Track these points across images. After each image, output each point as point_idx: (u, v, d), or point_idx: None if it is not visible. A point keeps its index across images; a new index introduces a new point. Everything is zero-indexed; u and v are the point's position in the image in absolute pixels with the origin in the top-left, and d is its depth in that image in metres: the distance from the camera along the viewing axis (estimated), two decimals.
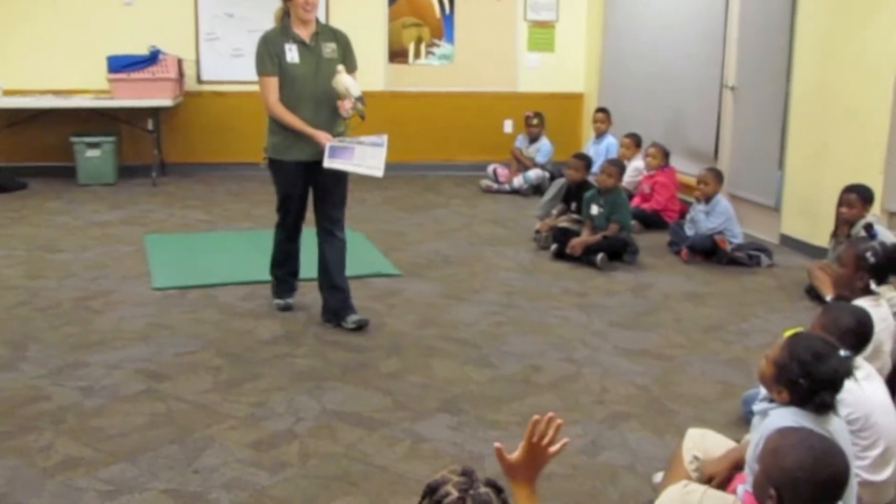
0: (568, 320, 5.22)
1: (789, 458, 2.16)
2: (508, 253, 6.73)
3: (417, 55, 10.21)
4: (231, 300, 5.46)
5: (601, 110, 9.00)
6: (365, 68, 5.39)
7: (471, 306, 5.44)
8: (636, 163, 8.08)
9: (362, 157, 4.72)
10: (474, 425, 3.82)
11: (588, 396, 4.15)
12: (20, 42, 9.27)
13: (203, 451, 3.54)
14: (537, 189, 8.82)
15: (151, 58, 9.05)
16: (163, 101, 9.03)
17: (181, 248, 6.73)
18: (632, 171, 7.94)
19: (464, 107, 10.15)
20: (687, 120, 8.24)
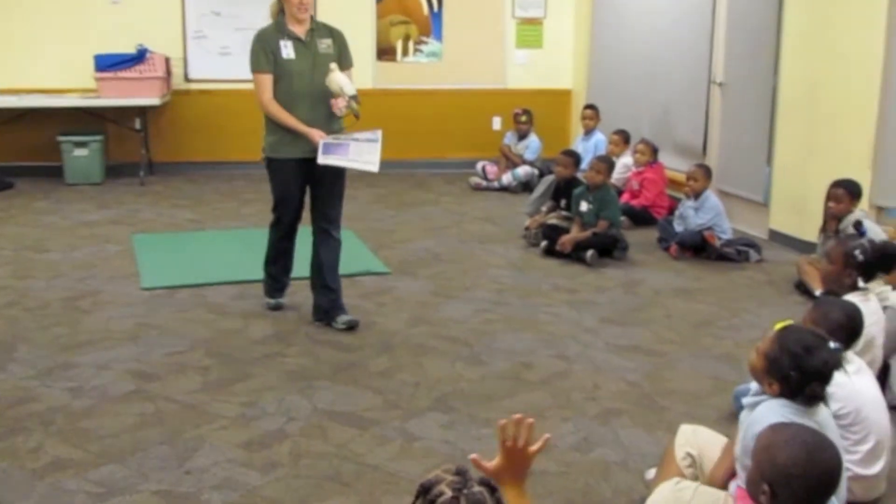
0: (558, 317, 5.22)
1: (782, 454, 2.16)
2: (498, 250, 6.73)
3: (405, 53, 10.19)
4: (220, 300, 5.44)
5: (590, 107, 9.00)
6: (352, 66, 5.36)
7: (461, 304, 5.43)
8: (625, 159, 8.08)
9: (357, 153, 4.70)
10: (466, 423, 3.81)
11: (579, 393, 4.15)
12: (6, 41, 9.22)
13: (194, 452, 3.52)
14: (526, 186, 8.82)
15: (138, 56, 9.01)
16: (150, 100, 8.98)
17: (170, 248, 6.70)
18: (621, 168, 7.94)
19: (452, 104, 10.14)
20: (675, 116, 8.25)
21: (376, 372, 4.38)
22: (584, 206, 6.57)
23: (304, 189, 4.95)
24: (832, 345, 2.62)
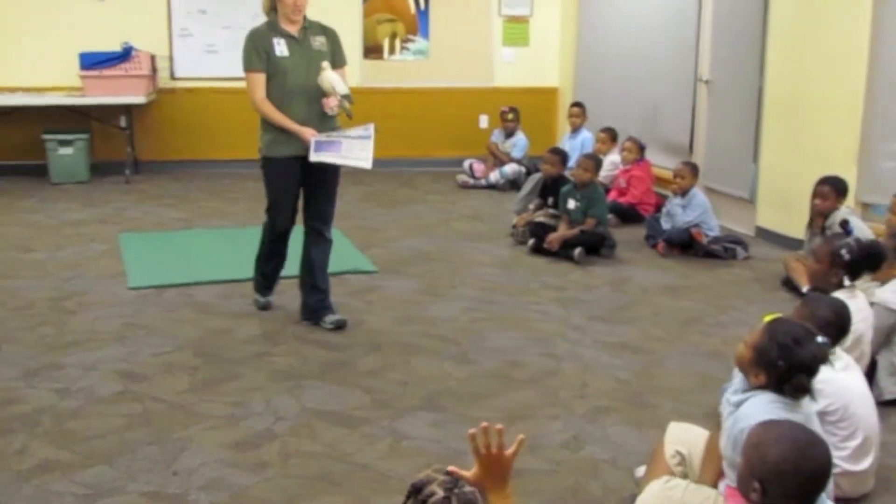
0: (547, 315, 5.22)
1: (773, 451, 2.16)
2: (486, 248, 6.73)
3: (392, 51, 10.18)
4: (208, 299, 5.42)
5: (576, 105, 9.01)
6: None
7: (449, 302, 5.43)
8: (612, 157, 8.09)
9: (349, 150, 4.66)
10: (455, 422, 3.80)
11: (568, 391, 4.16)
12: None
13: (182, 453, 3.50)
14: (513, 184, 8.83)
15: (124, 54, 8.97)
16: (136, 98, 8.95)
17: (156, 247, 6.67)
18: (608, 166, 7.94)
19: (439, 102, 10.14)
20: (662, 114, 8.27)
21: (365, 371, 4.37)
22: (572, 204, 6.58)
23: (299, 190, 4.88)
24: (820, 339, 2.65)
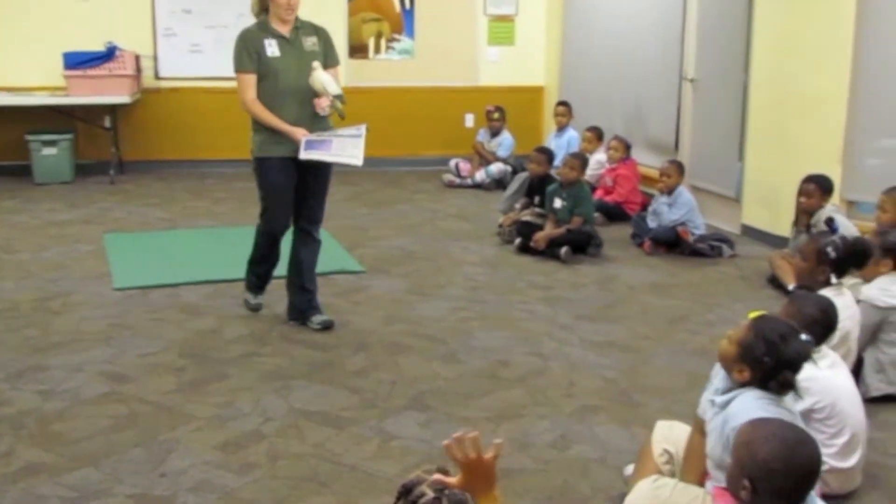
0: (534, 314, 5.22)
1: (763, 449, 2.17)
2: (473, 247, 6.72)
3: (378, 50, 10.16)
4: (194, 299, 5.40)
5: (562, 104, 9.02)
6: None
7: (436, 302, 5.42)
8: (598, 156, 8.10)
9: (340, 148, 4.64)
10: (443, 422, 3.80)
11: (556, 390, 4.16)
12: None
13: (169, 454, 3.49)
14: (500, 183, 8.82)
15: (108, 54, 8.91)
16: (120, 98, 8.89)
17: (142, 247, 6.63)
18: (594, 164, 7.96)
19: (425, 101, 10.13)
20: (647, 112, 8.29)
21: (352, 371, 4.35)
22: (558, 203, 6.58)
23: (292, 192, 4.82)
24: (804, 337, 2.66)
